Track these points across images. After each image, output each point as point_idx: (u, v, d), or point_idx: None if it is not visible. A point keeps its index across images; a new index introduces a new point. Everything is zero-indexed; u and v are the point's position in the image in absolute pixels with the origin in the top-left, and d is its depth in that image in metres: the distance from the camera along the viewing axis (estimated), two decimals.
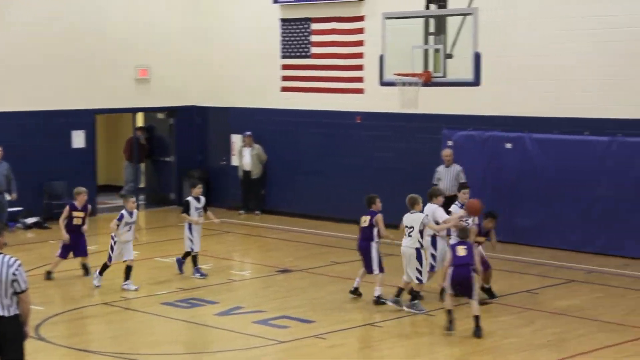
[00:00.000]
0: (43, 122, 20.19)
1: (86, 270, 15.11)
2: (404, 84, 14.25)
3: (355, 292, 13.35)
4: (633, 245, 15.91)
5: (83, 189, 15.26)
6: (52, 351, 11.24)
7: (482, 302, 12.30)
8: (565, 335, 11.63)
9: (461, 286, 11.57)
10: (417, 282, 12.63)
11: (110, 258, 14.29)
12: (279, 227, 19.51)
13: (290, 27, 20.55)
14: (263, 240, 18.60)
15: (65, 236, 14.83)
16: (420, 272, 12.59)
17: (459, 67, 14.15)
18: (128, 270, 14.15)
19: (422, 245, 12.62)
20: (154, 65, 21.71)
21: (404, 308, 12.58)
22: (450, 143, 17.89)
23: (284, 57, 20.70)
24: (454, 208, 13.44)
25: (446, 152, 16.78)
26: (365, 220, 13.16)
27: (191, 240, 15.00)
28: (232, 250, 17.95)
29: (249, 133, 20.91)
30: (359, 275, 13.36)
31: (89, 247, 17.77)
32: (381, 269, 13.07)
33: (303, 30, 20.34)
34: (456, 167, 16.61)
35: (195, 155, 22.49)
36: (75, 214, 14.98)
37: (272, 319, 12.39)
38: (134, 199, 14.66)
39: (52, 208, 20.08)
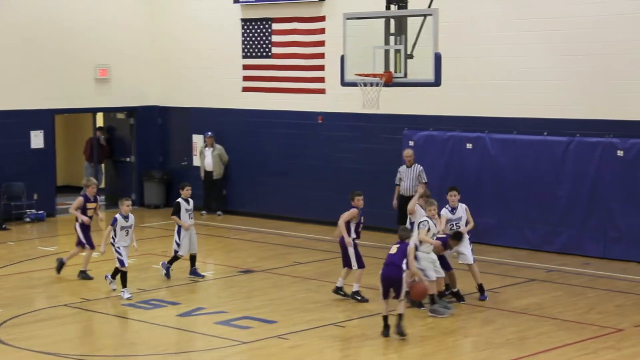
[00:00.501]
0: (1, 122, 19.94)
1: (60, 265, 14.86)
2: (365, 84, 14.23)
3: (339, 291, 13.34)
4: (592, 244, 16.11)
5: (93, 179, 15.23)
6: (12, 354, 11.11)
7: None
8: (526, 334, 11.74)
9: (390, 284, 11.49)
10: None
11: (122, 263, 13.78)
12: (241, 228, 19.46)
13: (251, 27, 20.51)
14: (225, 241, 18.54)
15: (85, 218, 14.79)
16: None
17: (420, 68, 14.17)
18: (124, 276, 13.70)
19: None
20: (114, 64, 21.54)
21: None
22: (411, 143, 17.98)
23: (245, 57, 20.66)
24: (444, 212, 13.50)
25: (407, 152, 16.86)
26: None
27: (177, 244, 14.82)
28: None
29: (210, 133, 20.83)
30: (342, 275, 13.37)
31: (48, 248, 17.62)
32: (360, 265, 13.11)
33: (264, 30, 20.31)
34: (417, 167, 16.70)
35: (156, 156, 22.36)
36: (88, 205, 14.88)
37: (235, 320, 12.36)
38: (129, 202, 14.19)
39: (11, 209, 19.88)
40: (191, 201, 15.09)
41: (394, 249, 11.64)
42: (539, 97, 16.69)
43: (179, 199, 15.02)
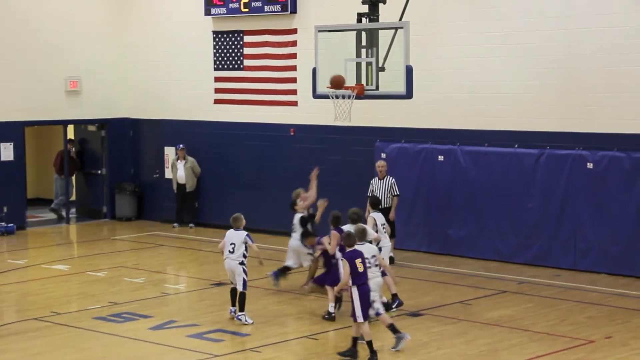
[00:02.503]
0: None
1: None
2: (337, 96, 14.28)
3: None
4: (562, 255, 16.23)
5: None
6: None
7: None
8: (498, 345, 11.79)
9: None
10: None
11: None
12: (213, 240, 19.37)
13: (222, 39, 20.51)
14: (197, 254, 18.47)
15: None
16: None
17: (392, 80, 14.23)
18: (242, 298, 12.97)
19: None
20: (84, 76, 21.44)
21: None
22: (383, 155, 18.03)
23: (216, 69, 20.64)
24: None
25: (380, 164, 16.91)
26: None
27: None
28: (165, 263, 17.77)
29: (182, 146, 20.77)
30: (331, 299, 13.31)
31: (18, 261, 17.51)
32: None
33: (235, 42, 20.31)
34: (390, 179, 16.74)
35: (127, 168, 22.26)
36: None
37: (207, 333, 12.31)
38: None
39: None
40: (297, 217, 14.96)
41: (360, 266, 11.16)
42: (510, 110, 16.82)
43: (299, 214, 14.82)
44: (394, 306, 13.27)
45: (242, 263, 12.87)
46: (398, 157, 17.94)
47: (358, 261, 11.05)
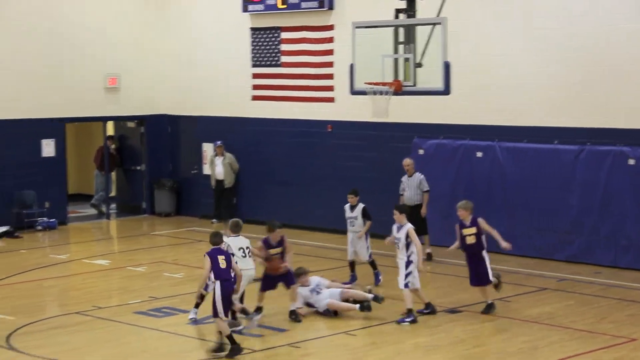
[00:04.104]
0: (13, 131, 20.02)
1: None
2: (374, 92, 14.27)
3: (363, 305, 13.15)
4: (603, 253, 16.08)
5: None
6: None
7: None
8: (537, 343, 11.72)
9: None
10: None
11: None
12: (250, 236, 19.37)
13: (260, 36, 20.57)
14: None
15: None
16: None
17: (429, 76, 14.21)
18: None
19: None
20: (123, 73, 21.63)
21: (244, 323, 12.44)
22: (421, 152, 17.99)
23: (254, 66, 20.71)
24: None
25: (406, 162, 16.80)
26: None
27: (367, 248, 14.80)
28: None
29: (219, 142, 20.87)
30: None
31: (60, 256, 17.74)
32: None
33: (273, 39, 20.37)
34: (418, 176, 16.65)
35: (166, 164, 22.42)
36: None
37: (246, 328, 12.37)
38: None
39: (23, 217, 19.95)
40: (358, 208, 14.81)
41: (223, 262, 11.22)
42: (550, 106, 16.69)
43: (347, 204, 14.92)
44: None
45: None
46: (436, 153, 17.89)
47: (221, 258, 11.19)
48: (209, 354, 11.21)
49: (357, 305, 12.88)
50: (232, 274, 11.41)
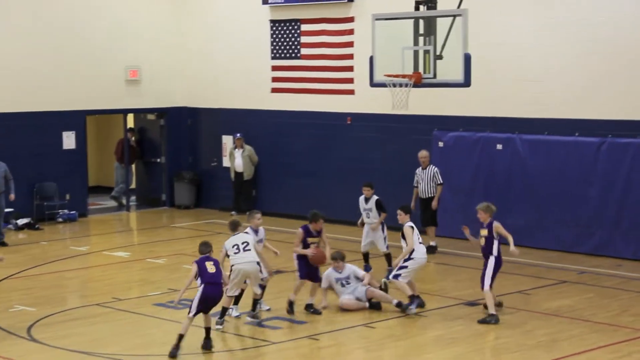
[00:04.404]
0: (34, 123, 20.13)
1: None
2: (394, 85, 14.24)
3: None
4: (624, 245, 15.98)
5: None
6: (45, 352, 11.23)
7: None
8: (558, 336, 11.68)
9: (214, 303, 11.31)
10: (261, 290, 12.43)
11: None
12: (270, 228, 19.40)
13: (280, 28, 20.56)
14: None
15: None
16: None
17: (449, 69, 14.16)
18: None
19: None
20: (144, 66, 21.69)
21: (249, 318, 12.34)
22: (440, 144, 17.94)
23: (274, 58, 20.71)
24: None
25: (422, 154, 16.76)
26: None
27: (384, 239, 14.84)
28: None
29: (239, 135, 20.90)
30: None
31: (80, 248, 17.81)
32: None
33: (293, 31, 20.35)
34: (432, 169, 16.61)
35: (185, 157, 22.48)
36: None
37: (265, 320, 12.39)
38: (259, 214, 12.98)
39: (43, 209, 20.06)
40: (372, 200, 14.79)
41: (212, 267, 11.19)
42: (571, 98, 16.59)
43: (362, 196, 14.97)
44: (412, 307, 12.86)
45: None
46: (456, 145, 17.83)
47: (209, 264, 11.23)
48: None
49: (367, 304, 12.85)
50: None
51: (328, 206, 19.82)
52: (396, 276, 12.73)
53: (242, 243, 12.24)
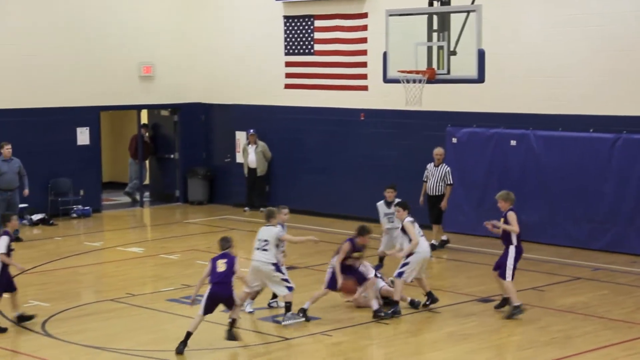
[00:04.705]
0: (48, 119, 20.21)
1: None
2: (407, 81, 14.22)
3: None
4: (638, 242, 15.90)
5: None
6: (60, 347, 11.28)
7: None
8: (571, 333, 11.64)
9: (220, 302, 11.17)
10: (288, 291, 12.16)
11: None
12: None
13: (293, 24, 20.56)
14: None
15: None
16: (286, 280, 12.18)
17: (463, 64, 14.13)
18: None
19: (277, 259, 12.21)
20: (157, 62, 21.73)
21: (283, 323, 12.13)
22: (454, 140, 17.90)
23: (287, 54, 20.70)
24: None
25: (438, 151, 16.69)
26: None
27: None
28: (237, 247, 17.76)
29: (252, 131, 20.92)
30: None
31: (94, 244, 17.87)
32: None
33: (306, 27, 20.34)
34: (444, 168, 16.53)
35: (199, 153, 22.52)
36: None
37: (278, 316, 12.40)
38: (286, 209, 12.77)
39: (58, 205, 20.15)
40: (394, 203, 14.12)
41: (222, 266, 11.11)
42: (585, 94, 16.52)
43: (380, 202, 14.40)
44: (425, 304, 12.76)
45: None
46: (469, 141, 17.79)
47: (221, 262, 11.16)
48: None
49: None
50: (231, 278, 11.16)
51: (341, 202, 19.90)
52: (400, 274, 12.41)
53: (264, 241, 12.19)
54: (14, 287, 12.05)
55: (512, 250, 12.36)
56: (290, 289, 12.20)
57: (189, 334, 11.03)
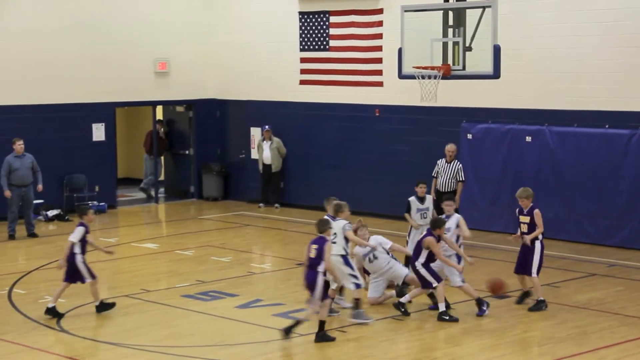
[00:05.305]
0: (64, 115, 20.28)
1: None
2: (423, 77, 14.19)
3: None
4: None
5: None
6: (75, 343, 11.33)
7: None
8: (587, 329, 11.60)
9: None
10: (354, 288, 11.97)
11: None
12: (298, 220, 19.52)
13: (308, 20, 20.54)
14: (283, 234, 18.62)
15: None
16: (354, 276, 11.96)
17: (478, 60, 14.09)
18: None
19: (346, 252, 12.06)
20: (173, 58, 21.76)
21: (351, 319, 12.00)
22: (469, 136, 17.85)
23: (302, 50, 20.69)
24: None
25: (450, 148, 16.54)
26: None
27: (406, 242, 14.00)
28: (251, 243, 17.98)
29: (267, 127, 20.92)
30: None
31: (109, 239, 17.95)
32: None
33: (322, 23, 20.32)
34: (457, 164, 16.38)
35: (214, 149, 22.55)
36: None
37: (292, 312, 12.39)
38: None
39: (73, 201, 20.20)
40: (428, 199, 14.07)
41: (313, 252, 11.03)
42: (601, 89, 16.43)
43: (412, 197, 14.08)
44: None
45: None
46: (484, 137, 17.73)
47: (313, 247, 11.10)
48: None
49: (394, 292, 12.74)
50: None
51: (356, 198, 19.80)
52: (463, 280, 12.38)
53: (333, 234, 11.97)
54: (82, 278, 12.37)
55: (538, 246, 12.43)
56: (357, 285, 11.93)
57: (322, 323, 11.05)
